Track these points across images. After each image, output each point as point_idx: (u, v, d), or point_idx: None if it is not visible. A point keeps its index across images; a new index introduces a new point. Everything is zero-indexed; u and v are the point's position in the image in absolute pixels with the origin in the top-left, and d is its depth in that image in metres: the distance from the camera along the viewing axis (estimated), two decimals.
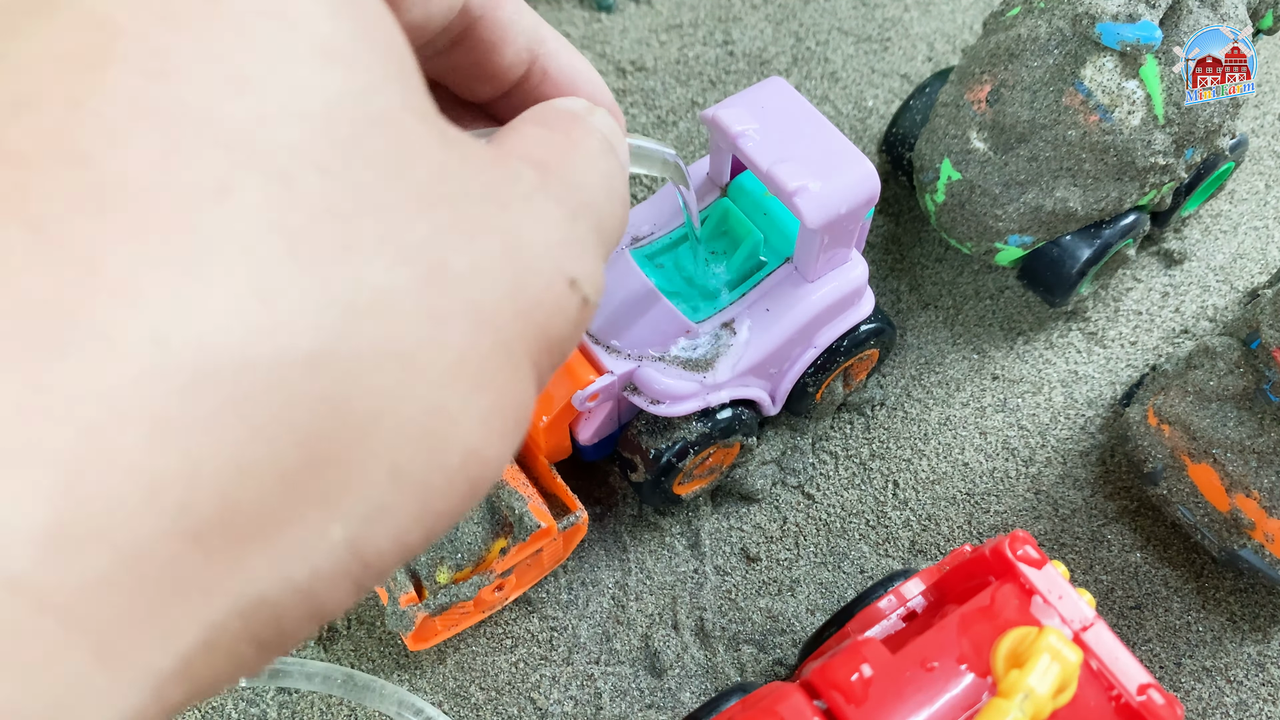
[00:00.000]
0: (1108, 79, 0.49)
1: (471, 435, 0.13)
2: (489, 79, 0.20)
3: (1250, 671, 0.51)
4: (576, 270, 0.15)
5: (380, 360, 0.12)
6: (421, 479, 0.12)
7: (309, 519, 0.11)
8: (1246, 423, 0.48)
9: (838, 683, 0.36)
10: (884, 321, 0.53)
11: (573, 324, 0.15)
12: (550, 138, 0.17)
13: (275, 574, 0.11)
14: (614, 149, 0.18)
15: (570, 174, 0.16)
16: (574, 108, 0.18)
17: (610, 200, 0.17)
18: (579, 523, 0.48)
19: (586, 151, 0.17)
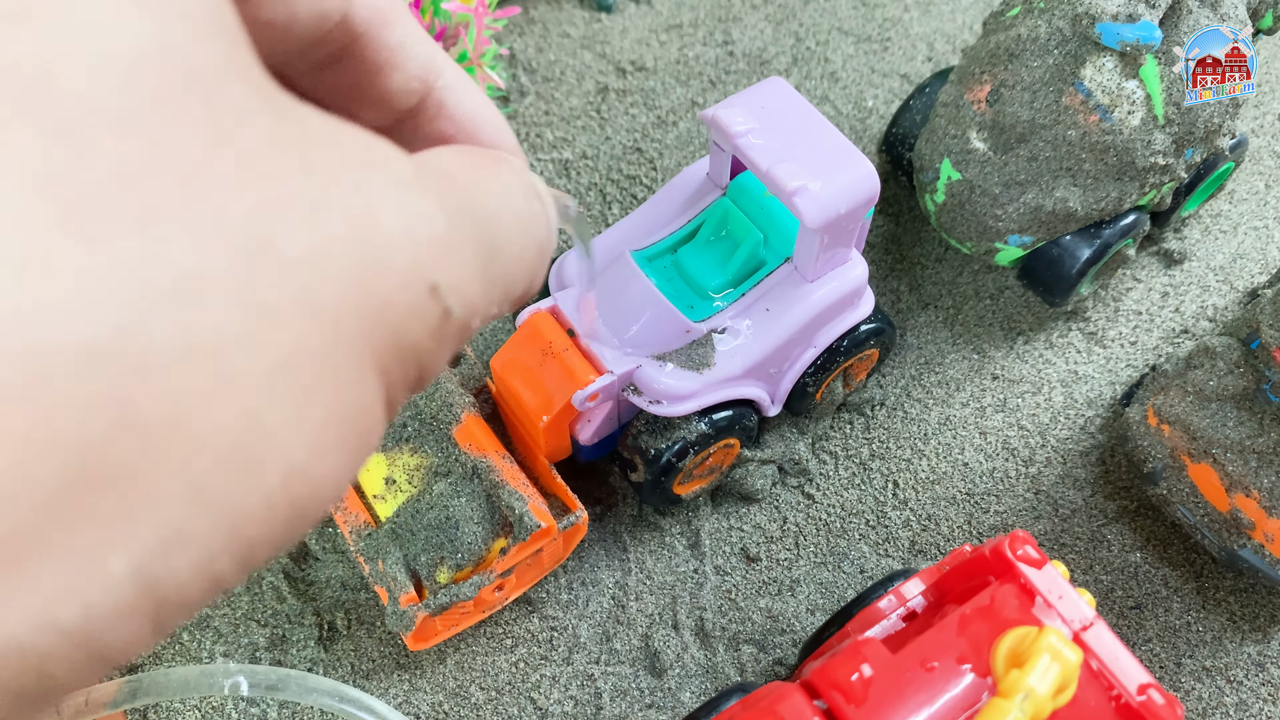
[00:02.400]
0: (1108, 79, 0.49)
1: (295, 451, 0.11)
2: (374, 104, 0.18)
3: (1250, 671, 0.51)
4: (442, 276, 0.13)
5: (181, 357, 0.10)
6: (231, 500, 0.10)
7: (78, 548, 0.09)
8: (1246, 423, 0.48)
9: (838, 683, 0.36)
10: (884, 321, 0.53)
11: (432, 335, 0.13)
12: (469, 162, 0.15)
13: (34, 616, 0.09)
14: (541, 198, 0.16)
15: (472, 190, 0.14)
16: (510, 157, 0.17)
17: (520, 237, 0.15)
18: (579, 523, 0.48)
19: (506, 186, 0.15)
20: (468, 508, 0.46)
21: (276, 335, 0.11)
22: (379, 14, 0.17)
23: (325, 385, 0.11)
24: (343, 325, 0.11)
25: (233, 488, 0.10)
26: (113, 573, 0.09)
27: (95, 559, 0.09)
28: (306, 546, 0.52)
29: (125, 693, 0.36)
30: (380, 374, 0.12)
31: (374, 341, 0.12)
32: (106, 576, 0.09)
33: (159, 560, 0.10)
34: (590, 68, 0.69)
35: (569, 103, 0.67)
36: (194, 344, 0.10)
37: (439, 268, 0.13)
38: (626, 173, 0.65)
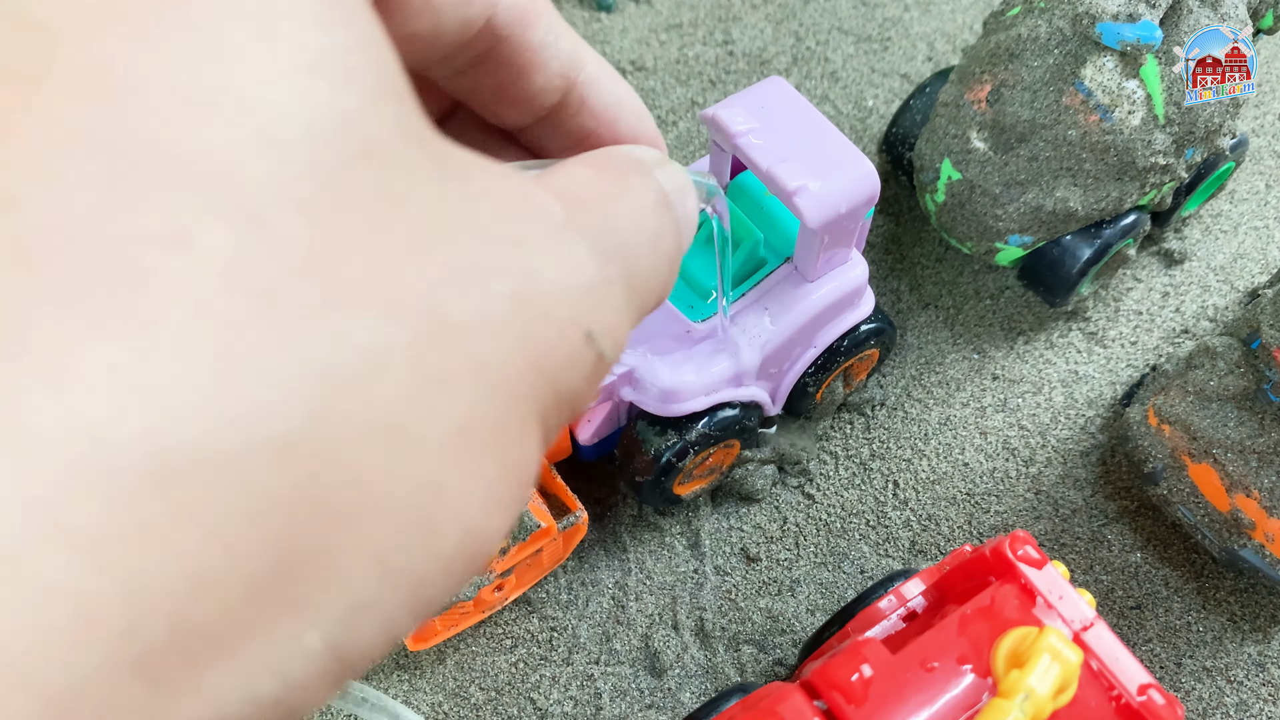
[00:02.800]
0: (1108, 79, 0.49)
1: (470, 511, 0.11)
2: (517, 104, 0.18)
3: (1250, 671, 0.51)
4: (595, 322, 0.13)
5: (365, 437, 0.10)
6: (411, 567, 0.11)
7: (279, 628, 0.10)
8: (1247, 423, 0.48)
9: (838, 683, 0.36)
10: (884, 321, 0.53)
11: (585, 379, 0.13)
12: (598, 179, 0.15)
13: (239, 693, 0.09)
14: (671, 206, 0.16)
15: (610, 218, 0.14)
16: (639, 155, 0.17)
17: (654, 257, 0.15)
18: (579, 523, 0.48)
19: (637, 201, 0.15)
20: None
21: (452, 403, 0.11)
22: (522, 15, 0.17)
23: (496, 444, 0.11)
24: (510, 385, 0.12)
25: (413, 556, 0.11)
26: (308, 648, 0.10)
27: (294, 637, 0.10)
28: None
29: None
30: (540, 423, 0.13)
31: (536, 394, 0.12)
32: (303, 652, 0.10)
33: (348, 632, 0.10)
34: None
35: None
36: (378, 422, 0.10)
37: (593, 314, 0.13)
38: None
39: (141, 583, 0.09)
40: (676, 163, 0.18)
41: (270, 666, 0.10)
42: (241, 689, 0.10)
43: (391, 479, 0.10)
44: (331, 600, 0.10)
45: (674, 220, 0.16)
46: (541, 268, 0.12)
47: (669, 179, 0.16)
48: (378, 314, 0.10)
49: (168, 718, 0.09)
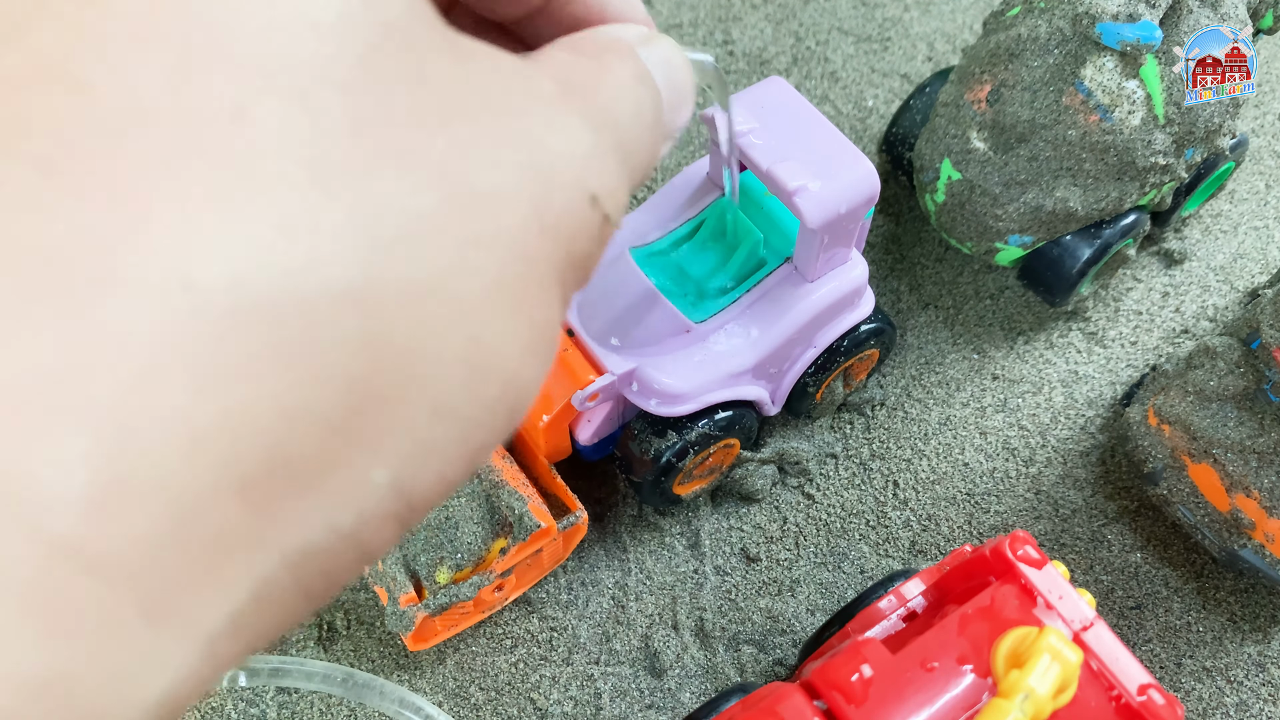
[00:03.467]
0: (1108, 79, 0.49)
1: (509, 362, 0.12)
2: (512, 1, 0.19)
3: (1250, 671, 0.51)
4: (598, 186, 0.14)
5: (416, 291, 0.11)
6: (463, 412, 0.12)
7: (354, 464, 0.11)
8: (1247, 423, 0.48)
9: (838, 683, 0.36)
10: (884, 321, 0.53)
11: (595, 241, 0.14)
12: (579, 61, 0.16)
13: (322, 523, 0.11)
14: (648, 80, 0.17)
15: (595, 93, 0.15)
16: (617, 34, 0.17)
17: (637, 126, 0.16)
18: (579, 523, 0.48)
19: (616, 77, 0.16)
20: (467, 508, 0.46)
21: (485, 264, 0.12)
22: None
23: (525, 302, 0.13)
24: (530, 248, 0.13)
25: (464, 401, 0.12)
26: (377, 484, 0.11)
27: (366, 473, 0.11)
28: None
29: None
30: (559, 283, 0.14)
31: (553, 256, 0.13)
32: (374, 488, 0.11)
33: (409, 471, 0.11)
34: None
35: None
36: (423, 279, 0.11)
37: (595, 179, 0.14)
38: None
39: (240, 414, 0.10)
40: (667, 37, 0.19)
41: (347, 499, 0.11)
42: (324, 519, 0.11)
43: (441, 331, 0.11)
44: (397, 440, 0.11)
45: (653, 92, 0.17)
46: (545, 138, 0.13)
47: (652, 53, 0.17)
48: (413, 181, 0.11)
49: (264, 540, 0.10)
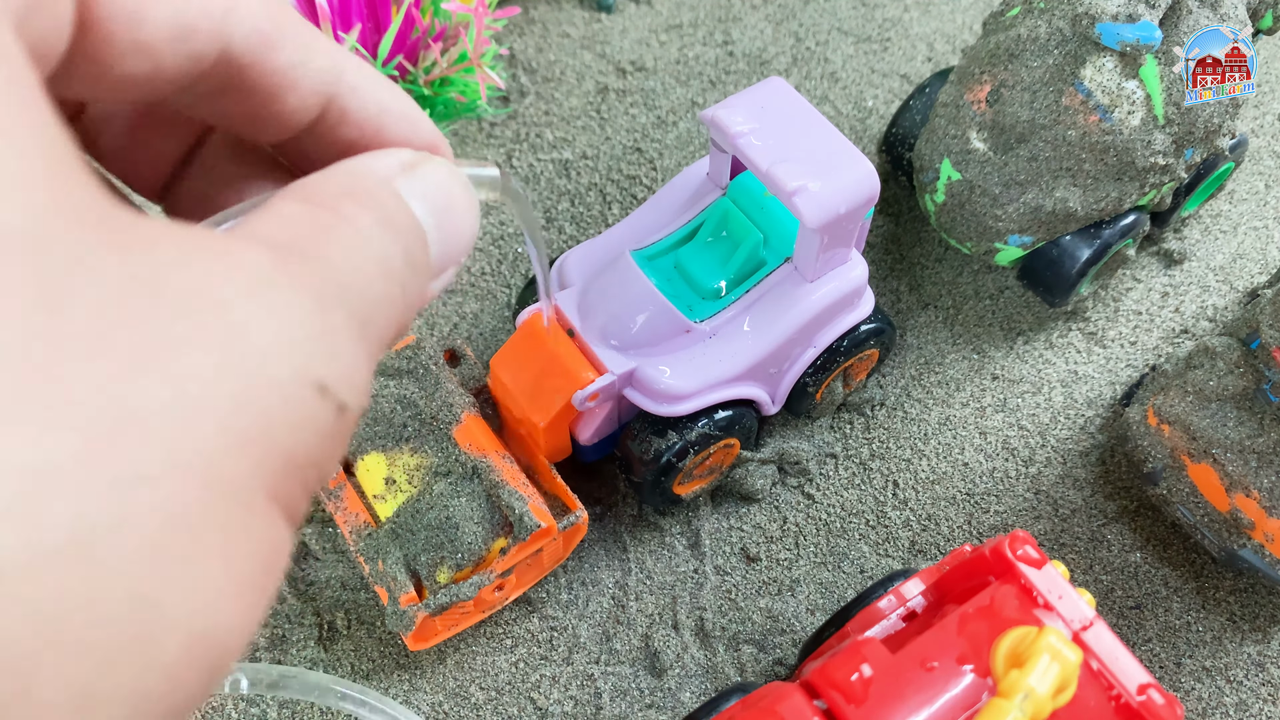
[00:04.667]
0: (1108, 79, 0.49)
1: (193, 616, 0.10)
2: (271, 125, 0.18)
3: (1250, 671, 0.51)
4: (327, 372, 0.12)
5: (40, 563, 0.09)
6: (124, 690, 0.10)
7: None
8: (1246, 423, 0.48)
9: (838, 683, 0.36)
10: (884, 321, 0.53)
11: (326, 437, 0.12)
12: (309, 215, 0.14)
13: None
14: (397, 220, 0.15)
15: (326, 254, 0.13)
16: (368, 167, 0.16)
17: (382, 283, 0.14)
18: (579, 523, 0.48)
19: (355, 228, 0.14)
20: (468, 508, 0.46)
21: (150, 504, 0.10)
22: (264, 39, 0.16)
23: (217, 537, 0.10)
24: (225, 467, 0.11)
25: (125, 677, 0.10)
26: None
27: None
28: (307, 546, 0.52)
29: None
30: (273, 499, 0.11)
31: (264, 469, 0.11)
32: None
33: None
34: (590, 68, 0.69)
35: (569, 103, 0.67)
36: (53, 545, 0.09)
37: (322, 364, 0.12)
38: (626, 173, 0.65)
39: None
40: (439, 159, 0.17)
41: None
42: None
43: (81, 603, 0.09)
44: None
45: (406, 234, 0.15)
46: (250, 327, 0.11)
47: (416, 183, 0.16)
48: (39, 429, 0.09)
49: None
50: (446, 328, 0.59)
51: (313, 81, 0.17)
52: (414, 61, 0.59)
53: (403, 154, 0.17)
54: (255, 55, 0.16)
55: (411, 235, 0.15)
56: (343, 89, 0.18)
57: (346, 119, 0.18)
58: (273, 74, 0.17)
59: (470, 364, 0.52)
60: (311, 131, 0.18)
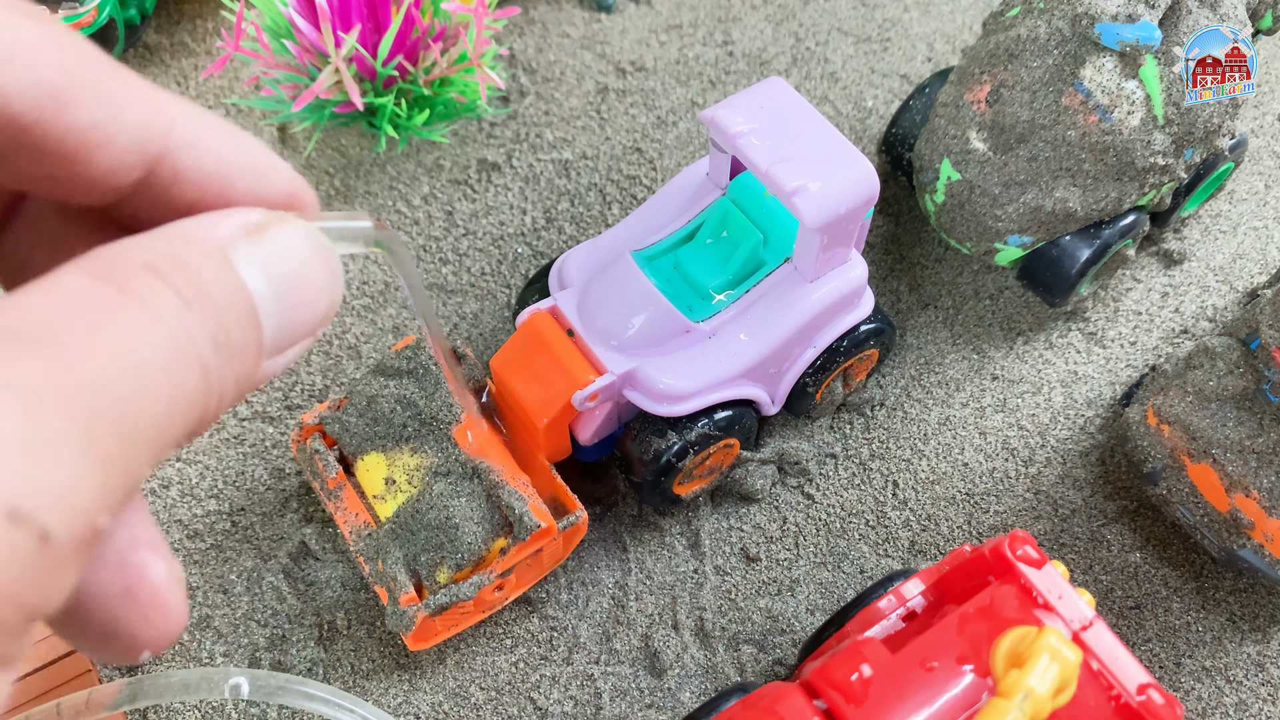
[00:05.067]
0: (1107, 79, 0.49)
1: None
2: (82, 189, 0.15)
3: (1250, 671, 0.51)
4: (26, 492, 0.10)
5: None
6: None
7: None
8: (1246, 423, 0.48)
9: (838, 683, 0.36)
10: (884, 321, 0.53)
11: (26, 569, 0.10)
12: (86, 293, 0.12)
13: None
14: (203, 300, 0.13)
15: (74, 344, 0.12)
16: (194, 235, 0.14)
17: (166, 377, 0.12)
18: (579, 523, 0.48)
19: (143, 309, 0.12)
20: (468, 508, 0.46)
21: None
22: (52, 95, 0.14)
23: None
24: None
25: None
26: None
27: None
28: (307, 546, 0.52)
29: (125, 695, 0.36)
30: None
31: None
32: None
33: None
34: (590, 68, 0.69)
35: (569, 103, 0.67)
36: None
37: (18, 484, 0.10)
38: (626, 173, 0.65)
39: None
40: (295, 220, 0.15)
41: None
42: None
43: None
44: None
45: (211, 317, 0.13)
46: None
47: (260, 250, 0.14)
48: None
49: None
50: (446, 328, 0.59)
51: (129, 139, 0.15)
52: (414, 61, 0.59)
53: (250, 214, 0.15)
54: (42, 113, 0.14)
55: (231, 313, 0.14)
56: (173, 145, 0.16)
57: (181, 178, 0.16)
58: (69, 134, 0.14)
59: (470, 364, 0.52)
60: (140, 194, 0.16)
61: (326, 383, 0.57)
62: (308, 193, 0.17)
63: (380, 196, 0.63)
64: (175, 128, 0.16)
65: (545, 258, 0.61)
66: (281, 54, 0.58)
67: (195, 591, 0.51)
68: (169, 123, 0.16)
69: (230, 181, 0.16)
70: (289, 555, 0.52)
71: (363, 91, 0.58)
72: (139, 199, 0.16)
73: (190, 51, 0.69)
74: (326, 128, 0.64)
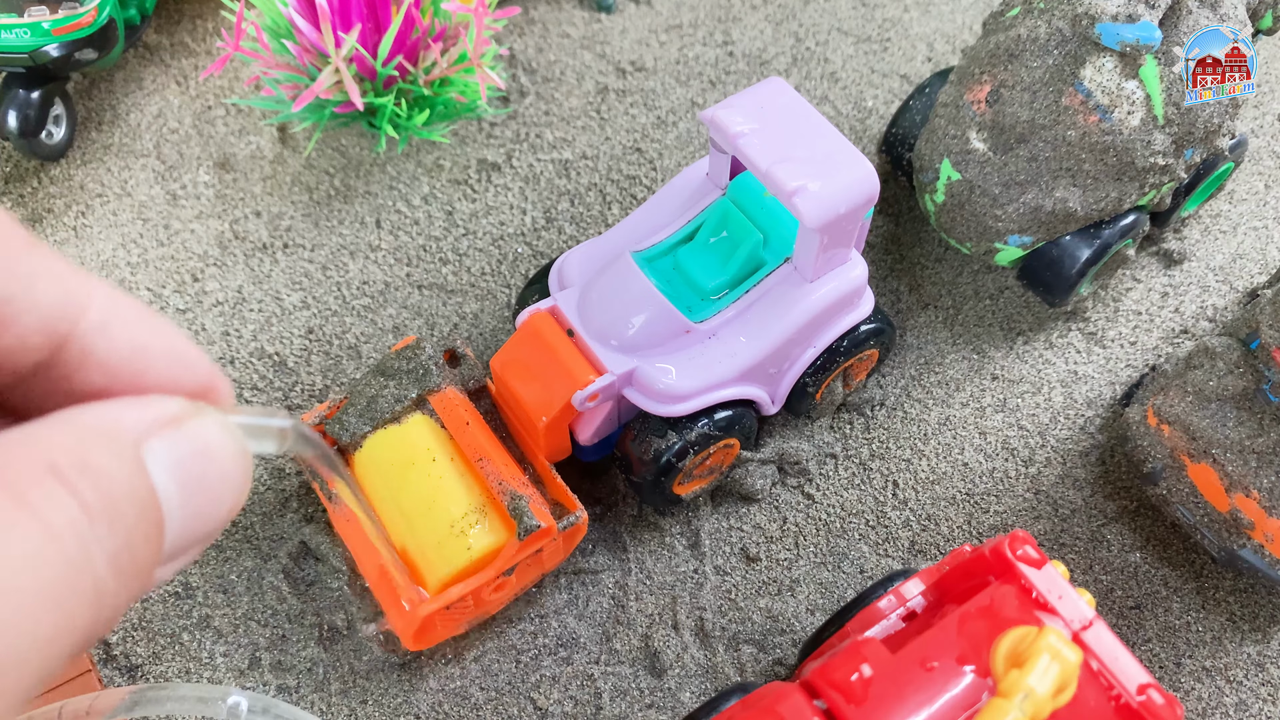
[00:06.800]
0: (1107, 79, 0.49)
1: None
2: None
3: (1250, 671, 0.51)
4: None
5: None
6: None
7: None
8: (1246, 423, 0.48)
9: (838, 682, 0.36)
10: (884, 321, 0.53)
11: None
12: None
13: None
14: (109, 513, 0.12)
15: None
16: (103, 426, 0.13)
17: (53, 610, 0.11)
18: (579, 523, 0.48)
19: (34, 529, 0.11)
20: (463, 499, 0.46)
21: None
22: None
23: None
24: None
25: None
26: None
27: None
28: (307, 546, 0.52)
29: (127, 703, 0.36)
30: None
31: None
32: None
33: None
34: (590, 68, 0.69)
35: (569, 103, 0.67)
36: None
37: None
38: (626, 173, 0.65)
39: None
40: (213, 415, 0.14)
41: None
42: None
43: None
44: None
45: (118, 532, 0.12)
46: None
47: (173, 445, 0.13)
48: None
49: None
50: (446, 328, 0.59)
51: (33, 318, 0.14)
52: (414, 61, 0.59)
53: (168, 404, 0.14)
54: None
55: (138, 526, 0.13)
56: (84, 325, 0.15)
57: (90, 361, 0.15)
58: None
59: (470, 364, 0.52)
60: (44, 376, 0.15)
61: (326, 383, 0.57)
62: (224, 384, 0.16)
63: (380, 196, 0.63)
64: (91, 308, 0.15)
65: (545, 258, 0.61)
66: (281, 54, 0.58)
67: (195, 591, 0.51)
68: (85, 301, 0.15)
69: (144, 367, 0.15)
70: (289, 555, 0.52)
71: (363, 91, 0.58)
72: (36, 382, 0.15)
73: (190, 51, 0.69)
74: (326, 128, 0.64)
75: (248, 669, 0.50)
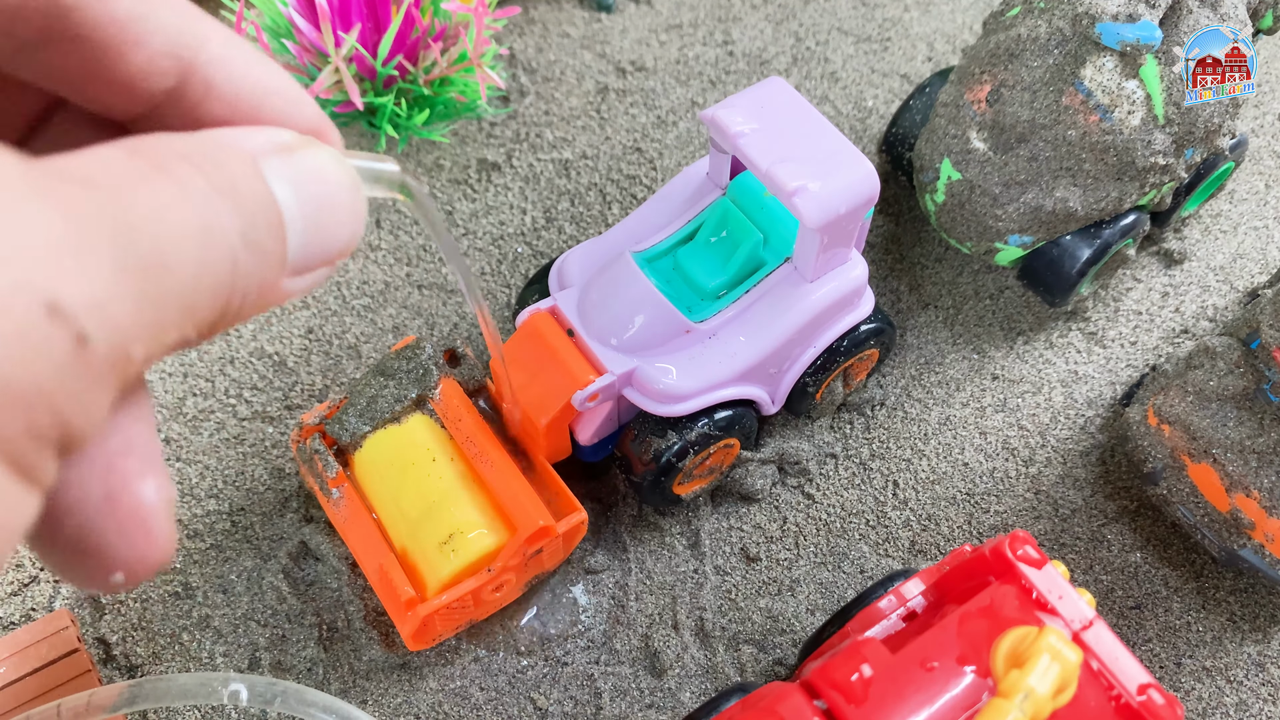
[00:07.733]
0: (1108, 79, 0.49)
1: None
2: (117, 89, 0.15)
3: (1250, 671, 0.51)
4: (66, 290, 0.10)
5: None
6: None
7: None
8: (1246, 423, 0.48)
9: (838, 683, 0.36)
10: (884, 321, 0.53)
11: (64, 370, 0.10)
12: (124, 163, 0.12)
13: None
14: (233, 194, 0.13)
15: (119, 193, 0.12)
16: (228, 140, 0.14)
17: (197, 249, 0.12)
18: (579, 523, 0.48)
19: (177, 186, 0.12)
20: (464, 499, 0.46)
21: None
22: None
23: None
24: None
25: None
26: None
27: None
28: (307, 546, 0.52)
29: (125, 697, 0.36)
30: None
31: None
32: None
33: None
34: (590, 68, 0.69)
35: (569, 103, 0.67)
36: None
37: (56, 278, 0.10)
38: (626, 173, 0.65)
39: None
40: (326, 148, 0.15)
41: None
42: None
43: None
44: None
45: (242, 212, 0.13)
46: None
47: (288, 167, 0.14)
48: None
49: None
50: (446, 328, 0.59)
51: (163, 40, 0.15)
52: (414, 61, 0.59)
53: (282, 134, 0.15)
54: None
55: (259, 215, 0.14)
56: (205, 57, 0.16)
57: (212, 93, 0.16)
58: (108, 24, 0.14)
59: (470, 364, 0.52)
60: (172, 106, 0.16)
61: (326, 383, 0.57)
62: (334, 131, 0.17)
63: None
64: (210, 40, 0.16)
65: (545, 258, 0.61)
66: (281, 54, 0.58)
67: (195, 591, 0.51)
68: (204, 37, 0.16)
69: (261, 103, 0.16)
70: (289, 555, 0.52)
71: (363, 91, 0.58)
72: (169, 113, 0.16)
73: None
74: None
75: (247, 669, 0.50)
